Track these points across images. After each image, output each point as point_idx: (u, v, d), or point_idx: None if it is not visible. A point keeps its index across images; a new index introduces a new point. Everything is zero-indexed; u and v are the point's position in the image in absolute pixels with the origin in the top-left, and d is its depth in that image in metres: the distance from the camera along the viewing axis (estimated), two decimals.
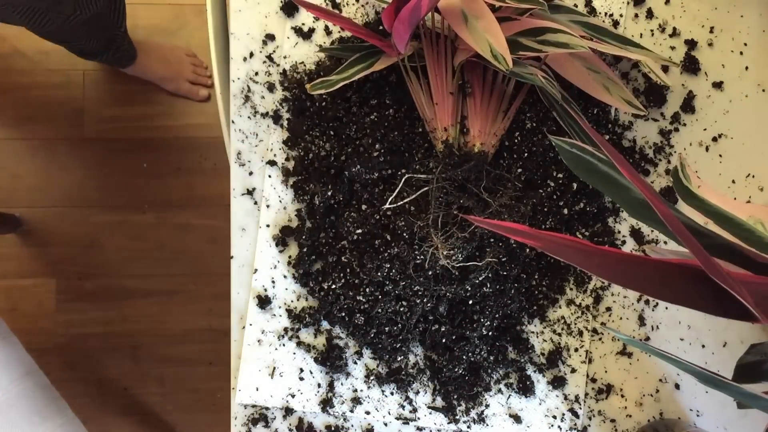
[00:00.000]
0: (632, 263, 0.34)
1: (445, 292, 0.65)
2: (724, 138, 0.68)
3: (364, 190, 0.67)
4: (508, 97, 0.67)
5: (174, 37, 1.51)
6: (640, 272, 0.34)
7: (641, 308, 0.69)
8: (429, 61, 0.65)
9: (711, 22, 0.69)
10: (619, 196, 0.40)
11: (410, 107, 0.69)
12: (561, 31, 0.58)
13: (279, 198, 0.71)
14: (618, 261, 0.33)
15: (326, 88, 0.66)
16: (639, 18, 0.70)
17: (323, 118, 0.69)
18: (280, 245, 0.70)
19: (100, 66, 1.50)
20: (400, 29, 0.57)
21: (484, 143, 0.65)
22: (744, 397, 0.38)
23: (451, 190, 0.63)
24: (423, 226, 0.63)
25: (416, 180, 0.64)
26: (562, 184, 0.67)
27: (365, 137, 0.68)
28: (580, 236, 0.68)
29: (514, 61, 0.59)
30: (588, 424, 0.69)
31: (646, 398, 0.69)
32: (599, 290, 0.69)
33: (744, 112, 0.68)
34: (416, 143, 0.68)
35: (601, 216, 0.69)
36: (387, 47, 0.65)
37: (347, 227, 0.66)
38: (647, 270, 0.34)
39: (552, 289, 0.69)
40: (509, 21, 0.61)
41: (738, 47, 0.69)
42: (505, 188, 0.64)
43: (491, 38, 0.56)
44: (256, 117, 0.71)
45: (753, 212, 0.44)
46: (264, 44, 0.72)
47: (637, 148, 0.69)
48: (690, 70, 0.69)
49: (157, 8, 1.51)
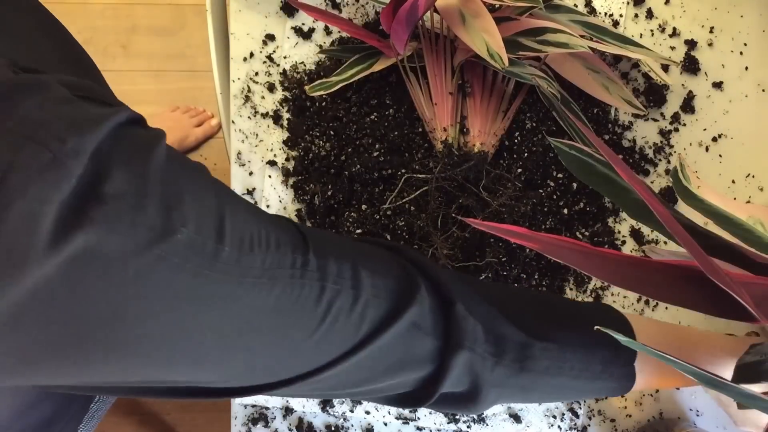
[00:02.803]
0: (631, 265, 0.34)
1: None
2: (724, 138, 0.68)
3: (364, 190, 0.67)
4: (508, 97, 0.67)
5: (174, 37, 1.51)
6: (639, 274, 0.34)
7: (641, 308, 0.69)
8: (428, 62, 0.65)
9: (711, 22, 0.69)
10: (619, 197, 0.40)
11: (410, 107, 0.69)
12: (561, 31, 0.58)
13: (279, 198, 0.71)
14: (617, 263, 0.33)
15: (325, 89, 0.66)
16: (639, 18, 0.70)
17: (323, 118, 0.69)
18: None
19: None
20: (399, 30, 0.57)
21: (484, 143, 0.65)
22: (743, 398, 0.38)
23: (451, 190, 0.63)
24: (423, 226, 0.63)
25: (416, 180, 0.64)
26: (562, 184, 0.67)
27: (365, 137, 0.68)
28: (580, 236, 0.68)
29: (513, 61, 0.59)
30: (588, 423, 0.69)
31: (646, 398, 0.69)
32: (599, 290, 0.69)
33: (744, 112, 0.68)
34: (416, 143, 0.68)
35: (601, 216, 0.68)
36: (386, 48, 0.65)
37: (347, 227, 0.66)
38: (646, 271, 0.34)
39: (552, 289, 0.69)
40: (509, 21, 0.61)
41: (738, 47, 0.69)
42: (504, 188, 0.64)
43: (488, 37, 0.56)
44: (256, 117, 0.71)
45: (753, 212, 0.44)
46: (264, 44, 0.72)
47: (637, 148, 0.69)
48: (690, 70, 0.69)
49: (157, 8, 1.51)
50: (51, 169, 0.29)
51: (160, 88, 1.51)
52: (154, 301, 0.33)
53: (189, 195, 0.34)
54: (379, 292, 0.43)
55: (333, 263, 0.41)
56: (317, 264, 0.40)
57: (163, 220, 0.32)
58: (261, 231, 0.38)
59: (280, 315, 0.39)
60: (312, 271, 0.40)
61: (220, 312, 0.36)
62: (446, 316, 0.46)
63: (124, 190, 0.31)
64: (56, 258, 0.29)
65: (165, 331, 0.35)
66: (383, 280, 0.44)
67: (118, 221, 0.31)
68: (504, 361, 0.48)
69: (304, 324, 0.40)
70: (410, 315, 0.44)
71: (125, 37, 1.47)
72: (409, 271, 0.46)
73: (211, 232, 0.35)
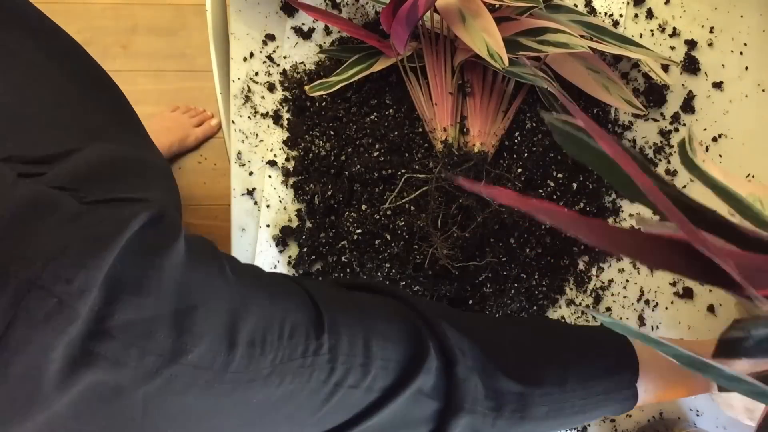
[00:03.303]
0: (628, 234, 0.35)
1: (445, 291, 0.65)
2: (724, 138, 0.68)
3: (364, 190, 0.67)
4: (508, 97, 0.67)
5: (174, 37, 1.51)
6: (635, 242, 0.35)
7: (641, 308, 0.69)
8: (428, 62, 0.65)
9: (711, 22, 0.69)
10: (611, 173, 0.40)
11: (410, 107, 0.68)
12: (561, 31, 0.58)
13: (279, 198, 0.71)
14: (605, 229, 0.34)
15: (325, 89, 0.66)
16: (639, 18, 0.70)
17: (323, 118, 0.69)
18: (280, 245, 0.70)
19: None
20: (399, 30, 0.57)
21: (484, 143, 0.65)
22: (726, 380, 0.38)
23: (451, 190, 0.63)
24: (423, 226, 0.63)
25: (416, 180, 0.64)
26: (562, 184, 0.67)
27: (365, 137, 0.68)
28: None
29: (513, 60, 0.59)
30: (588, 423, 0.69)
31: None
32: (599, 290, 0.69)
33: (744, 112, 0.68)
34: (416, 143, 0.68)
35: (600, 216, 0.68)
36: (386, 48, 0.65)
37: (347, 227, 0.66)
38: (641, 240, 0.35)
39: (552, 289, 0.69)
40: (509, 21, 0.61)
41: (738, 47, 0.69)
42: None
43: (488, 37, 0.57)
44: (256, 117, 0.71)
45: (753, 190, 0.44)
46: (264, 44, 0.72)
47: (637, 148, 0.69)
48: (690, 70, 0.69)
49: (157, 8, 1.51)
50: (56, 314, 0.28)
51: (160, 88, 1.51)
52: (161, 422, 0.33)
53: (202, 308, 0.33)
54: (389, 363, 0.44)
55: (345, 340, 0.42)
56: (329, 346, 0.40)
57: (173, 343, 0.31)
58: (275, 324, 0.38)
59: (287, 402, 0.39)
60: (323, 354, 0.40)
61: (227, 416, 0.36)
62: (448, 376, 0.46)
63: (132, 318, 0.30)
64: (64, 397, 0.29)
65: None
66: (394, 348, 0.44)
67: (126, 355, 0.30)
68: (504, 414, 0.48)
69: (310, 404, 0.40)
70: (418, 383, 0.44)
71: (125, 37, 1.47)
72: (419, 331, 0.46)
73: (221, 346, 0.34)
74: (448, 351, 0.47)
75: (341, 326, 0.42)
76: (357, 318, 0.44)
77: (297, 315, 0.40)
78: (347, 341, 0.42)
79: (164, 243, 0.33)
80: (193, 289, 0.34)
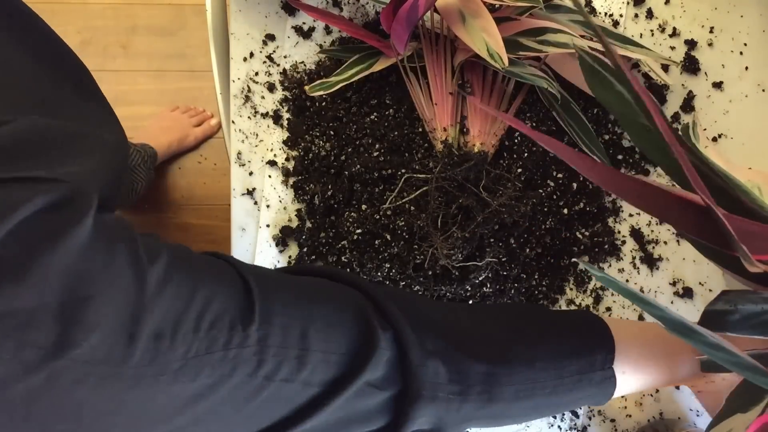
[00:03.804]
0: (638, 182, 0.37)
1: (445, 292, 0.65)
2: (724, 138, 0.68)
3: (364, 190, 0.67)
4: (508, 97, 0.67)
5: (174, 37, 1.51)
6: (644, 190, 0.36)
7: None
8: (428, 62, 0.65)
9: (711, 22, 0.69)
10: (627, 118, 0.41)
11: (410, 107, 0.69)
12: (561, 31, 0.58)
13: (279, 198, 0.71)
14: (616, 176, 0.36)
15: (325, 89, 0.66)
16: (639, 18, 0.70)
17: (323, 118, 0.69)
18: (280, 245, 0.70)
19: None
20: (399, 30, 0.57)
21: (484, 143, 0.65)
22: (709, 347, 0.39)
23: (451, 190, 0.63)
24: (423, 226, 0.63)
25: (416, 180, 0.64)
26: (562, 184, 0.67)
27: (365, 137, 0.68)
28: (580, 236, 0.68)
29: (513, 60, 0.60)
30: (588, 424, 0.69)
31: (646, 398, 0.69)
32: (599, 290, 0.69)
33: (744, 112, 0.68)
34: (416, 143, 0.68)
35: (601, 216, 0.68)
36: (386, 48, 0.65)
37: (347, 227, 0.66)
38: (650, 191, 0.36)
39: (552, 289, 0.69)
40: (509, 21, 0.61)
41: (738, 47, 0.69)
42: (504, 188, 0.64)
43: (488, 37, 0.57)
44: (256, 117, 0.71)
45: (752, 177, 0.44)
46: (264, 44, 0.72)
47: (638, 148, 0.69)
48: (690, 70, 0.69)
49: (157, 8, 1.51)
50: None
51: (160, 88, 1.51)
52: (50, 417, 0.31)
53: (99, 297, 0.31)
54: (330, 356, 0.41)
55: (278, 331, 0.39)
56: (258, 336, 0.38)
57: (57, 336, 0.29)
58: (191, 314, 0.36)
59: (207, 397, 0.37)
60: (250, 346, 0.38)
61: (131, 412, 0.34)
62: (403, 365, 0.45)
63: (9, 309, 0.28)
64: None
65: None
66: (338, 339, 0.42)
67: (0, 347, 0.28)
68: (470, 397, 0.46)
69: (234, 399, 0.38)
70: (366, 376, 0.42)
71: (125, 37, 1.47)
72: (370, 322, 0.44)
73: (119, 339, 0.32)
74: (403, 339, 0.45)
75: (276, 316, 0.40)
76: (299, 308, 0.42)
77: (222, 304, 0.38)
78: (280, 332, 0.40)
79: (62, 228, 0.31)
80: (90, 277, 0.31)
